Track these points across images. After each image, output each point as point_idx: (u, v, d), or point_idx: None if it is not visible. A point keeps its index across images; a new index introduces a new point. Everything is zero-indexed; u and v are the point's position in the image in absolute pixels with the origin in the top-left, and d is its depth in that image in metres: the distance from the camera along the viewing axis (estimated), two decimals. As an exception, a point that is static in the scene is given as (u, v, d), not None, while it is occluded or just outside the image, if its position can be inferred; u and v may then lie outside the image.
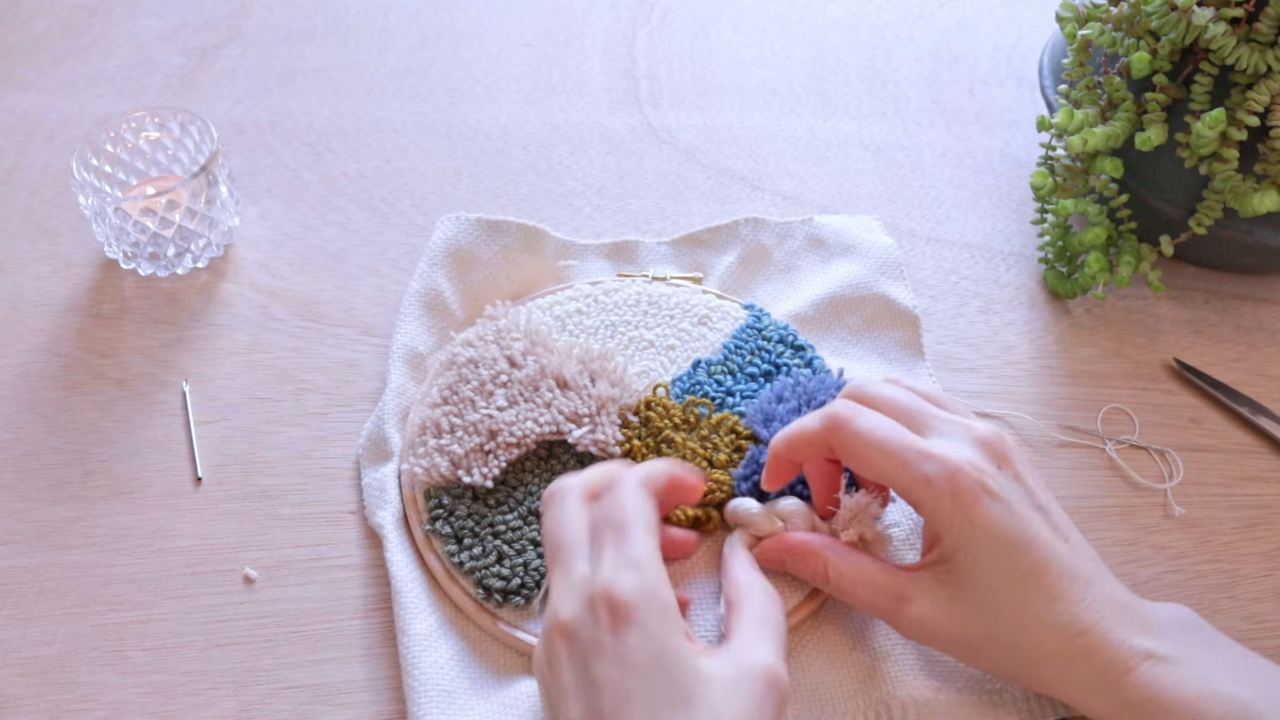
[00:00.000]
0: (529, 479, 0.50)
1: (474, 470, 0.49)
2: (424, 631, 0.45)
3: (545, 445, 0.51)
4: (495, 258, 0.59)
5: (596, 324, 0.56)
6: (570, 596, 0.37)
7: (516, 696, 0.44)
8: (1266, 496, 0.53)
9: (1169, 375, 0.58)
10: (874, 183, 0.69)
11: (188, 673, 0.46)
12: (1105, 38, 0.56)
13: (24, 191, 0.67)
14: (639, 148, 0.71)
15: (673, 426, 0.51)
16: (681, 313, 0.57)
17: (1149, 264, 0.58)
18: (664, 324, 0.56)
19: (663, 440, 0.50)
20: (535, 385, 0.51)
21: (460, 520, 0.48)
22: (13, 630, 0.47)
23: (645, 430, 0.51)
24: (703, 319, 0.57)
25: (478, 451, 0.50)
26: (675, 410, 0.52)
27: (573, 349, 0.53)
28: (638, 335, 0.56)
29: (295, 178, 0.68)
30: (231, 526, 0.50)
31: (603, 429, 0.50)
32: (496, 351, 0.53)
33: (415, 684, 0.43)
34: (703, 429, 0.51)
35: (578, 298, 0.57)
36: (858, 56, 0.79)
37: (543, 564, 0.47)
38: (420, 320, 0.56)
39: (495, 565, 0.47)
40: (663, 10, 0.83)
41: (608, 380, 0.52)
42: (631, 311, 0.57)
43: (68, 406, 0.55)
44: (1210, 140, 0.53)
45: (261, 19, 0.81)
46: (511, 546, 0.47)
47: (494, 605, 0.46)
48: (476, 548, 0.47)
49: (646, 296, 0.57)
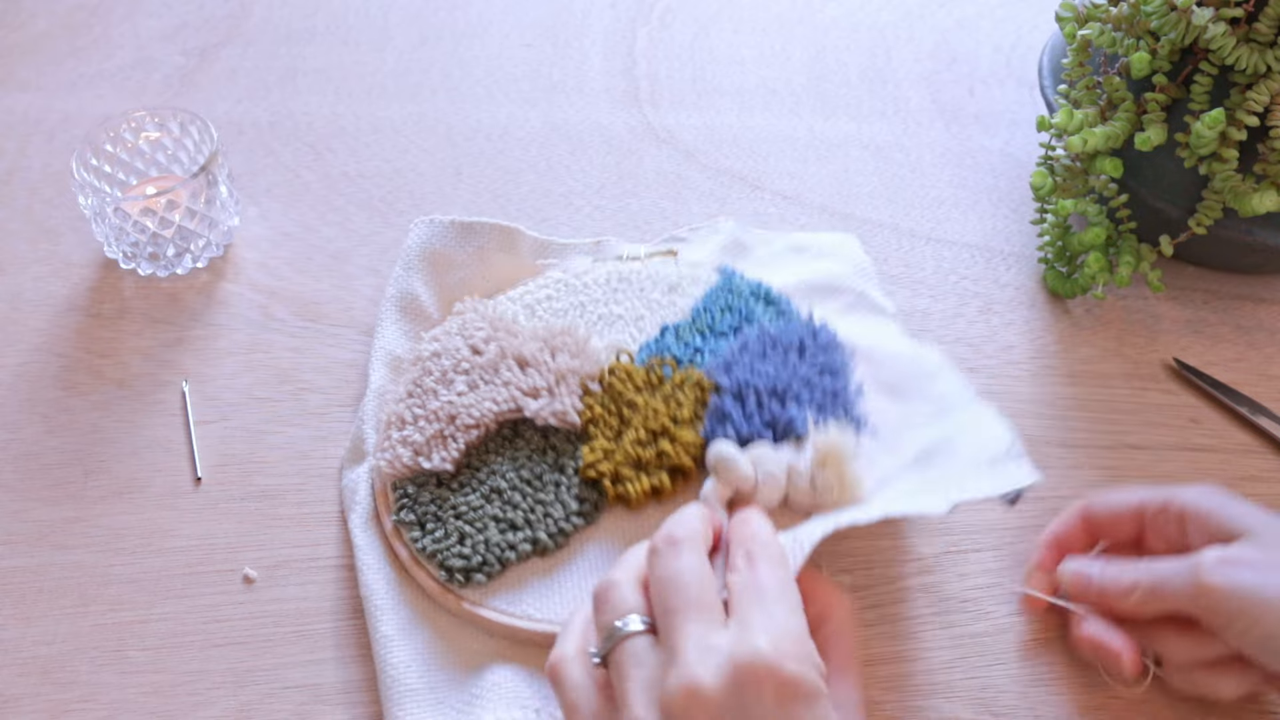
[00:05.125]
0: (491, 459, 0.50)
1: (434, 455, 0.49)
2: (388, 632, 0.45)
3: (510, 425, 0.51)
4: (470, 259, 0.59)
5: (566, 306, 0.56)
6: (712, 661, 0.33)
7: (487, 686, 0.43)
8: (1267, 496, 0.53)
9: (1169, 375, 0.58)
10: (874, 183, 0.69)
11: (187, 673, 0.46)
12: (1105, 38, 0.56)
13: (24, 191, 0.67)
14: (639, 148, 0.71)
15: (635, 389, 0.51)
16: (651, 284, 0.56)
17: (1149, 264, 0.58)
18: (633, 297, 0.56)
19: (625, 404, 0.50)
20: (495, 368, 0.51)
21: (424, 506, 0.48)
22: (13, 630, 0.47)
23: (607, 397, 0.51)
24: (673, 287, 0.56)
25: (437, 437, 0.50)
26: (638, 374, 0.51)
27: (536, 330, 0.53)
28: (606, 311, 0.55)
29: (295, 178, 0.68)
30: (231, 526, 0.50)
31: (560, 399, 0.50)
32: (460, 342, 0.53)
33: (384, 683, 0.44)
34: (665, 389, 0.51)
35: (547, 284, 0.57)
36: (858, 56, 0.79)
37: (504, 540, 0.47)
38: (398, 324, 0.56)
39: (456, 546, 0.47)
40: (663, 10, 0.83)
41: (568, 353, 0.52)
42: (601, 290, 0.56)
43: (67, 406, 0.55)
44: (1210, 140, 0.53)
45: (261, 19, 0.81)
46: (473, 526, 0.47)
47: (457, 586, 0.46)
48: (439, 530, 0.47)
49: (617, 275, 0.57)
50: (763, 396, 0.49)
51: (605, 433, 0.50)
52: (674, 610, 0.35)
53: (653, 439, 0.49)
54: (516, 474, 0.49)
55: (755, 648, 0.33)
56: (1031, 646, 0.47)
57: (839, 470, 0.45)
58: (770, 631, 0.34)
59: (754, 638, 0.33)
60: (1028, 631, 0.47)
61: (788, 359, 0.50)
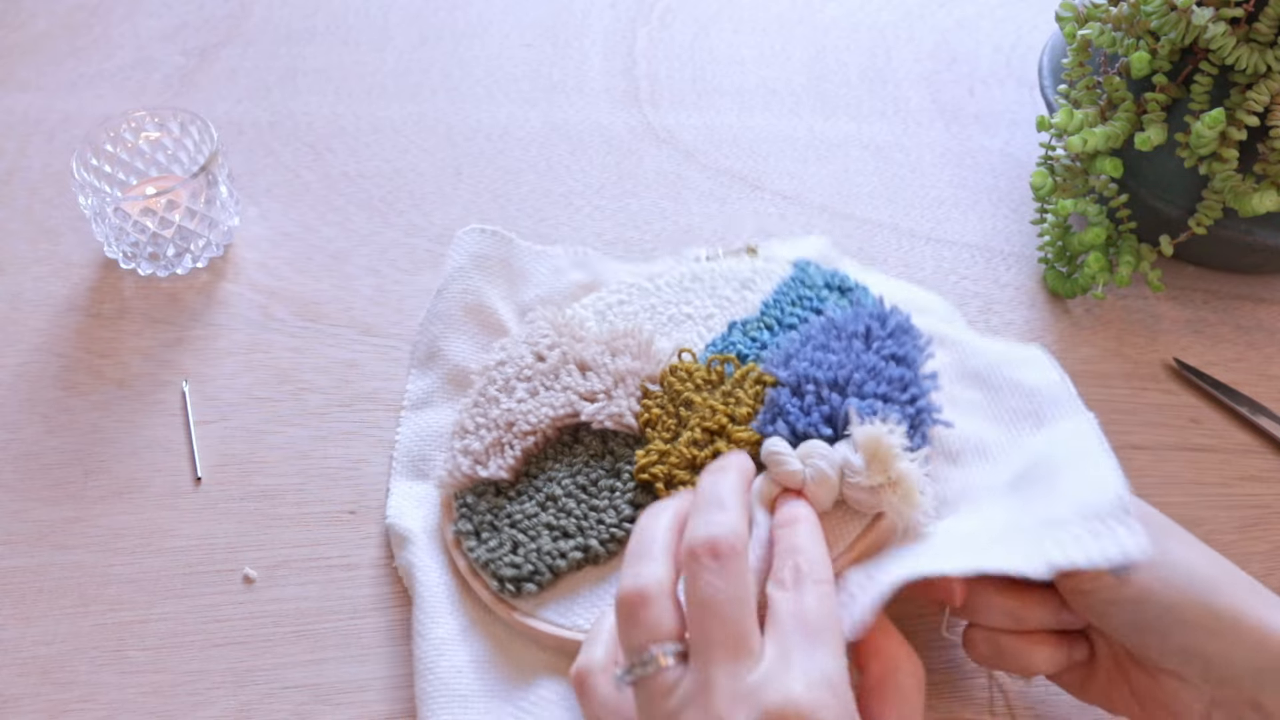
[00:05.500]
0: (550, 466, 0.48)
1: (490, 463, 0.48)
2: (443, 636, 0.44)
3: (570, 431, 0.49)
4: (546, 277, 0.58)
5: (637, 309, 0.54)
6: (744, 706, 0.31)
7: (533, 701, 0.43)
8: (1266, 496, 0.53)
9: (1169, 375, 0.58)
10: (874, 183, 0.69)
11: (187, 672, 0.46)
12: (1105, 38, 0.56)
13: (24, 191, 0.67)
14: (639, 148, 0.71)
15: (694, 388, 0.48)
16: (724, 282, 0.54)
17: (1149, 264, 0.58)
18: (705, 296, 0.54)
19: (683, 403, 0.48)
20: (556, 373, 0.50)
21: (481, 515, 0.47)
22: (13, 630, 0.47)
23: (666, 398, 0.48)
24: (745, 283, 0.54)
25: (495, 445, 0.49)
26: (698, 372, 0.48)
27: (601, 334, 0.51)
28: (676, 311, 0.53)
29: (295, 178, 0.68)
30: (231, 526, 0.50)
31: (616, 402, 0.48)
32: (525, 350, 0.52)
33: (429, 688, 0.43)
34: (725, 386, 0.48)
35: (620, 290, 0.56)
36: (858, 56, 0.79)
37: (556, 548, 0.45)
38: (472, 337, 0.56)
39: (509, 555, 0.45)
40: (663, 10, 0.83)
41: (629, 354, 0.50)
42: (673, 291, 0.54)
43: (67, 406, 0.55)
44: (1210, 140, 0.53)
45: (261, 19, 0.81)
46: (526, 534, 0.46)
47: (509, 595, 0.45)
48: (493, 540, 0.46)
49: (691, 274, 0.55)
50: (822, 388, 0.45)
51: (662, 434, 0.47)
52: (711, 644, 0.33)
53: (710, 439, 0.46)
54: (572, 480, 0.47)
55: (789, 695, 0.31)
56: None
57: (885, 467, 0.40)
58: (808, 676, 0.32)
59: (790, 683, 0.32)
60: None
61: (851, 347, 0.46)
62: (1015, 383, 0.46)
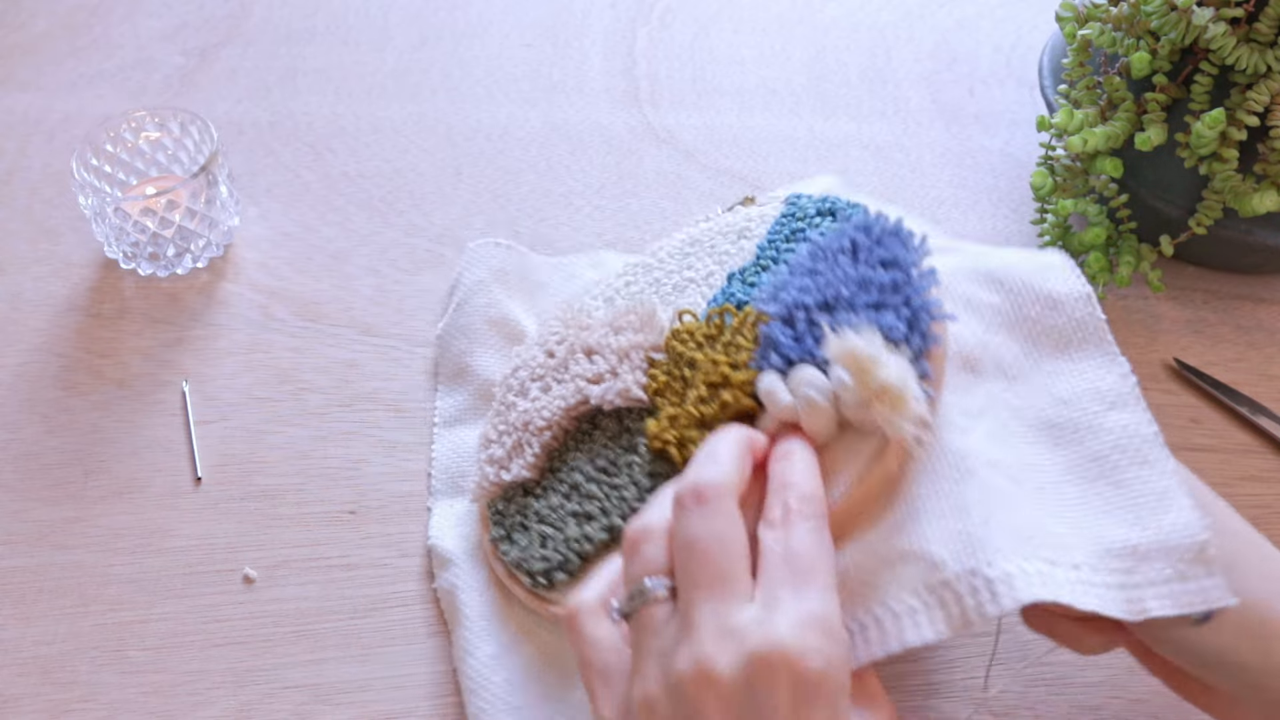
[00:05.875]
0: (571, 457, 0.48)
1: (512, 465, 0.48)
2: (492, 652, 0.44)
3: (588, 419, 0.48)
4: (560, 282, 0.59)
5: (642, 286, 0.53)
6: (729, 645, 0.31)
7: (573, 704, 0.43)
8: (1266, 496, 0.53)
9: (1169, 375, 0.58)
10: (874, 183, 0.69)
11: (187, 672, 0.46)
12: (1105, 38, 0.56)
13: (24, 191, 0.67)
14: (639, 148, 0.71)
15: (695, 346, 0.46)
16: (721, 237, 0.52)
17: (1149, 264, 0.58)
18: (705, 256, 0.52)
19: (687, 364, 0.46)
20: (565, 365, 0.50)
21: (511, 518, 0.47)
22: (13, 630, 0.47)
23: (670, 363, 0.47)
24: (741, 232, 0.51)
25: (515, 447, 0.48)
26: (699, 330, 0.47)
27: (605, 317, 0.50)
28: (680, 279, 0.52)
29: (295, 178, 0.68)
30: (231, 526, 0.50)
31: (622, 378, 0.47)
32: (537, 350, 0.51)
33: (485, 705, 0.43)
34: (725, 337, 0.45)
35: (625, 272, 0.55)
36: (858, 56, 0.79)
37: (581, 532, 0.44)
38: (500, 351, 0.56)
39: (538, 549, 0.45)
40: (663, 10, 0.83)
41: (631, 329, 0.49)
42: (675, 260, 0.53)
43: (67, 406, 0.55)
44: (1210, 140, 0.53)
45: (261, 19, 0.81)
46: (553, 527, 0.46)
47: (542, 589, 0.45)
48: (523, 539, 0.46)
49: (688, 239, 0.54)
50: (812, 312, 0.41)
51: (672, 399, 0.45)
52: (694, 583, 0.32)
53: (714, 392, 0.43)
54: (593, 465, 0.46)
55: (776, 637, 0.30)
56: (1031, 646, 0.46)
57: (867, 379, 0.36)
58: (796, 617, 0.31)
59: (777, 624, 0.31)
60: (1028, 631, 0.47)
61: (838, 263, 0.42)
62: (1034, 288, 0.44)
